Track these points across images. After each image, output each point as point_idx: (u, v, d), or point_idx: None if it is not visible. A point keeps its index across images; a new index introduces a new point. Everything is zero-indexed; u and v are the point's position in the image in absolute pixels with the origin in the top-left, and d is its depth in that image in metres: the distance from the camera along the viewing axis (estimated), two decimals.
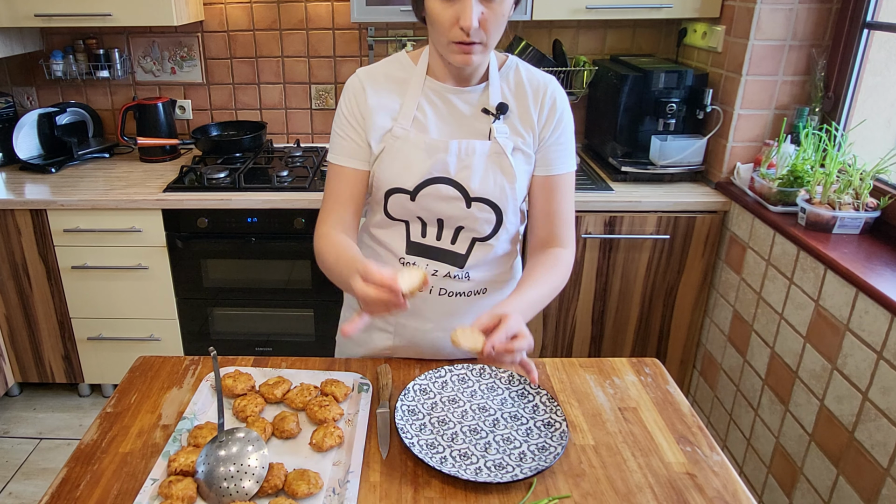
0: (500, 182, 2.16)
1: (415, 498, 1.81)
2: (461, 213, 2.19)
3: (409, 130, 2.15)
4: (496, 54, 2.23)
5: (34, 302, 4.39)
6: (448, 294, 2.31)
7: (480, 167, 2.15)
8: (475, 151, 2.14)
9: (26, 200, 4.09)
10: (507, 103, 2.18)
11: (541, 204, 2.28)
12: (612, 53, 4.82)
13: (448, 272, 2.28)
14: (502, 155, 2.15)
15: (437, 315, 2.35)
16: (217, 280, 4.30)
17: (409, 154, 2.15)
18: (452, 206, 2.18)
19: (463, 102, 2.18)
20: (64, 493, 1.81)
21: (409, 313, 2.32)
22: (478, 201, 2.17)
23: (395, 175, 2.16)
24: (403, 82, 2.19)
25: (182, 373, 2.34)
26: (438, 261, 2.27)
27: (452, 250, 2.26)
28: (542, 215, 2.28)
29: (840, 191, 3.33)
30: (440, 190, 2.16)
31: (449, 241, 2.25)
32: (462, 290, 2.32)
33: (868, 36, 3.56)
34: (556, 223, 2.28)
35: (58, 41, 4.95)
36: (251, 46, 4.93)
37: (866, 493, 2.84)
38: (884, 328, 2.76)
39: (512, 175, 2.16)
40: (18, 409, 4.72)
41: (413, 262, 2.27)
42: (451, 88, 2.17)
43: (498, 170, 2.16)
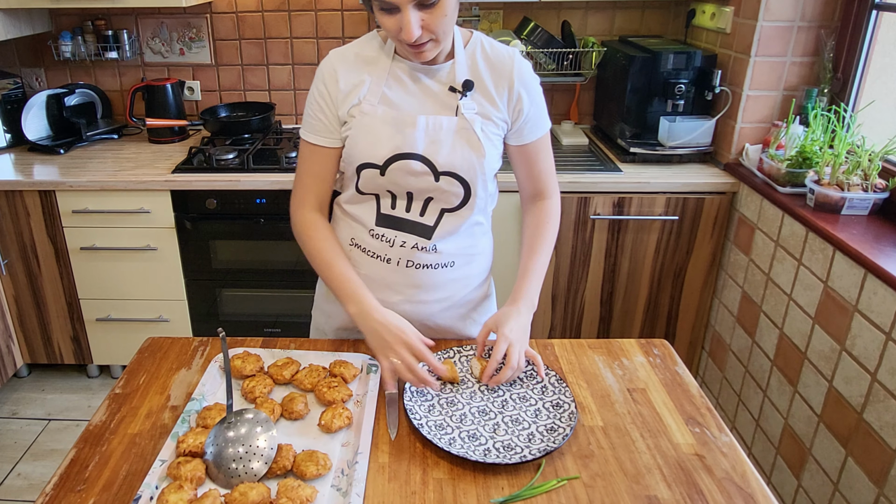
0: (468, 156, 2.20)
1: (423, 479, 1.82)
2: (430, 186, 2.23)
3: (377, 107, 2.19)
4: (461, 31, 2.25)
5: (43, 283, 4.41)
6: (415, 266, 2.33)
7: (448, 142, 2.19)
8: (442, 127, 2.18)
9: (35, 181, 4.11)
10: (473, 80, 2.21)
11: (524, 168, 2.47)
12: (621, 34, 4.81)
13: (416, 244, 2.30)
14: (470, 130, 2.19)
15: (404, 287, 2.37)
16: (225, 261, 4.31)
17: (378, 129, 2.18)
18: (421, 181, 2.21)
19: (430, 79, 2.22)
20: (73, 473, 1.83)
21: (377, 285, 2.34)
22: (446, 175, 2.21)
23: (364, 150, 2.20)
24: (374, 61, 2.23)
25: (191, 354, 2.36)
26: (407, 232, 2.30)
27: (421, 222, 2.29)
28: (527, 176, 2.49)
29: (849, 172, 3.33)
30: (409, 165, 2.19)
31: (418, 213, 2.28)
32: (429, 263, 2.34)
33: (877, 17, 3.55)
34: (540, 179, 2.49)
35: (66, 22, 4.95)
36: (260, 28, 4.93)
37: (875, 474, 2.84)
38: (892, 309, 2.76)
39: (480, 150, 2.20)
40: (27, 390, 4.74)
41: (382, 234, 2.31)
42: (418, 66, 2.21)
43: (466, 144, 2.19)
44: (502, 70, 2.24)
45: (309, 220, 2.33)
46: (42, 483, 3.94)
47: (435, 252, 2.32)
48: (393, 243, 2.30)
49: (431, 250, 2.31)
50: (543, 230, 2.41)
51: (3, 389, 4.70)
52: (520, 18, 4.71)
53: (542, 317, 4.34)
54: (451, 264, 2.37)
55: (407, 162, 2.18)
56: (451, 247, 2.35)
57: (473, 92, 2.21)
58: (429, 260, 2.33)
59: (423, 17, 1.93)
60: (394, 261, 2.32)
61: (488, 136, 2.22)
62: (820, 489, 3.20)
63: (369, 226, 2.32)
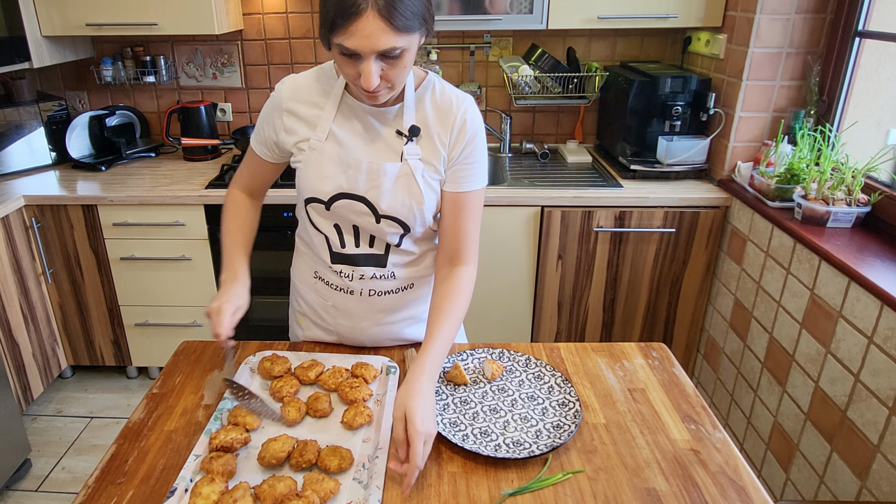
0: (408, 203, 2.12)
1: (439, 472, 1.83)
2: (371, 226, 2.17)
3: (325, 143, 2.11)
4: (415, 72, 2.15)
5: (86, 291, 4.44)
6: (377, 294, 2.30)
7: (389, 187, 2.10)
8: (386, 173, 2.09)
9: (78, 196, 4.13)
10: (420, 126, 2.11)
11: (449, 219, 2.20)
12: (622, 60, 4.82)
13: (374, 273, 2.27)
14: (411, 177, 2.10)
15: (370, 313, 2.34)
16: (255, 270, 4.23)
17: (325, 166, 2.12)
18: (363, 220, 2.15)
19: (378, 122, 2.12)
20: (113, 467, 1.85)
21: (343, 315, 2.36)
22: (386, 218, 2.14)
23: (311, 184, 2.15)
24: (325, 94, 2.14)
25: (222, 356, 2.36)
26: (362, 265, 2.25)
27: (372, 252, 2.24)
28: (450, 231, 2.20)
29: (833, 187, 3.34)
30: (352, 205, 2.13)
31: (367, 245, 2.23)
32: (389, 289, 2.31)
33: (860, 44, 3.55)
34: (461, 240, 2.20)
35: (107, 49, 4.98)
36: (287, 53, 4.94)
37: (858, 468, 2.84)
38: (874, 315, 2.77)
39: (420, 197, 2.12)
40: (71, 390, 4.75)
41: (340, 270, 2.26)
42: (367, 108, 2.10)
43: (406, 191, 2.11)
44: (447, 115, 2.12)
45: (232, 195, 2.38)
46: (85, 476, 3.96)
47: (393, 278, 2.30)
48: (352, 277, 2.27)
49: (390, 277, 2.29)
50: (456, 301, 2.11)
51: (48, 389, 4.71)
52: (528, 45, 4.72)
53: (549, 322, 4.34)
54: (410, 286, 2.36)
55: (350, 202, 2.13)
56: (407, 271, 2.32)
57: (419, 137, 2.12)
58: (388, 286, 2.31)
59: (384, 67, 1.83)
60: (356, 292, 2.29)
61: (428, 182, 2.14)
62: (807, 482, 3.20)
63: (327, 262, 2.28)
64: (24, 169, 4.59)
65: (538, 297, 4.28)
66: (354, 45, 1.73)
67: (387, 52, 1.77)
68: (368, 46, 1.73)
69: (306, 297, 2.44)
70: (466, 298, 2.15)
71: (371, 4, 1.67)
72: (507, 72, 4.52)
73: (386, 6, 1.68)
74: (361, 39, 1.72)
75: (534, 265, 4.19)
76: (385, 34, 1.72)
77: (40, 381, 4.34)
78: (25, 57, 4.24)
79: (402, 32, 1.74)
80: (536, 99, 4.62)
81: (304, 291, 2.45)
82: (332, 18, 1.72)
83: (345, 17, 1.69)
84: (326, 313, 2.39)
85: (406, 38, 1.77)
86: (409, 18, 1.73)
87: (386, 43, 1.73)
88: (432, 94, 2.13)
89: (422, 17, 1.78)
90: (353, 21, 1.69)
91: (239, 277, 2.12)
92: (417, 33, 1.81)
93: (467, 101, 2.15)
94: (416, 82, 2.13)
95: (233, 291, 2.09)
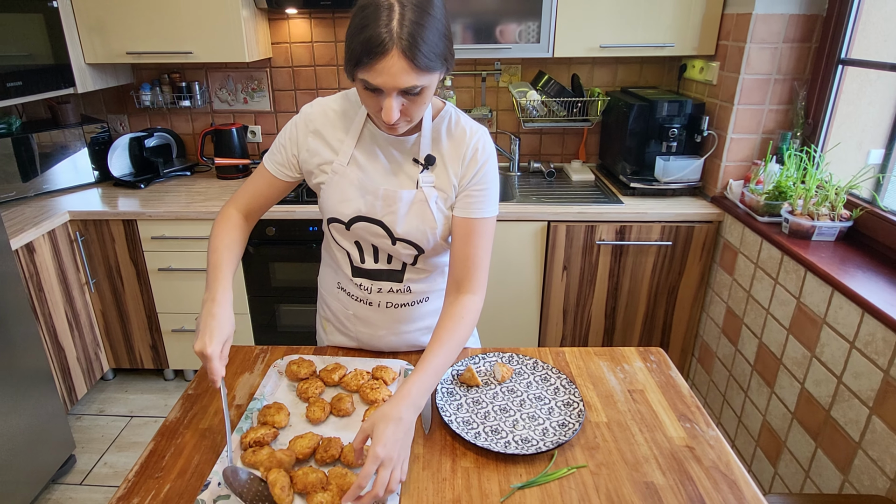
0: (422, 228, 2.11)
1: (453, 467, 1.85)
2: (388, 247, 2.16)
3: (347, 168, 2.10)
4: (434, 102, 2.12)
5: (126, 299, 4.45)
6: (394, 306, 2.30)
7: (404, 213, 2.09)
8: (401, 199, 2.07)
9: (119, 212, 4.14)
10: (436, 155, 2.09)
11: (459, 245, 2.13)
12: (623, 86, 4.81)
13: (391, 288, 2.26)
14: (425, 203, 2.08)
15: (388, 323, 2.34)
16: (283, 280, 4.32)
17: (346, 189, 2.10)
18: (380, 241, 2.15)
19: (396, 150, 2.10)
20: (151, 463, 1.87)
21: (363, 323, 2.35)
22: (401, 241, 2.13)
23: (333, 205, 2.13)
24: (350, 120, 2.11)
25: (253, 360, 2.38)
26: (381, 280, 2.25)
27: (390, 268, 2.23)
28: (460, 257, 2.12)
29: (818, 204, 3.33)
30: (369, 227, 2.12)
31: (385, 262, 2.22)
32: (405, 301, 2.31)
33: (842, 70, 3.55)
34: (470, 268, 2.12)
35: (146, 75, 5.01)
36: (312, 80, 4.96)
37: (841, 463, 2.85)
38: (855, 322, 2.78)
39: (432, 222, 2.10)
40: (112, 391, 4.77)
41: (360, 283, 2.26)
42: (387, 136, 2.08)
43: (420, 217, 2.10)
44: (461, 145, 2.08)
45: (228, 213, 2.21)
46: (125, 471, 3.97)
47: (409, 292, 2.29)
48: (371, 290, 2.27)
49: (406, 291, 2.29)
50: (456, 328, 2.02)
51: (91, 391, 4.72)
52: (535, 72, 4.73)
53: (554, 328, 4.34)
54: (426, 299, 2.35)
55: (368, 224, 2.12)
56: (422, 286, 2.31)
57: (434, 165, 2.10)
58: (405, 299, 2.30)
59: (404, 103, 1.80)
60: (374, 304, 2.29)
61: (441, 208, 2.12)
62: (793, 476, 3.20)
63: (349, 275, 2.28)
64: (69, 186, 4.60)
65: (545, 305, 4.28)
66: (378, 82, 1.72)
67: (408, 90, 1.75)
68: (391, 84, 1.72)
69: (330, 305, 2.44)
70: (468, 326, 2.06)
71: (396, 45, 1.65)
72: (516, 97, 4.53)
73: (410, 47, 1.66)
74: (385, 77, 1.71)
75: (541, 275, 4.19)
76: (408, 74, 1.70)
77: (84, 383, 4.35)
78: (70, 83, 4.26)
79: (424, 72, 1.73)
80: (543, 122, 4.62)
81: (329, 300, 2.45)
82: (359, 56, 1.70)
83: (371, 55, 1.68)
84: (348, 321, 2.39)
85: (427, 77, 1.76)
86: (432, 59, 1.72)
87: (408, 81, 1.72)
88: (448, 125, 2.11)
89: (443, 57, 1.77)
90: (379, 60, 1.68)
91: (217, 298, 1.95)
92: (438, 72, 1.79)
93: (480, 131, 2.13)
94: (434, 112, 2.10)
95: (214, 324, 1.89)
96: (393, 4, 1.67)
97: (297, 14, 4.77)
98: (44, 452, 3.65)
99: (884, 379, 2.63)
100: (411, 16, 1.66)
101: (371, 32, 1.66)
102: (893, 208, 3.18)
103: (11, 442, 3.37)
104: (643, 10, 4.02)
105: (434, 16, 1.71)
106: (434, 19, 1.71)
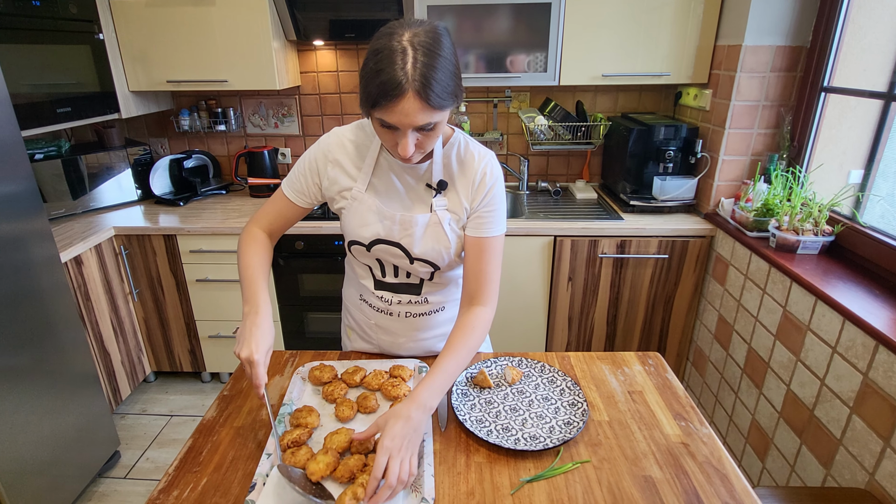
0: (437, 247, 2.12)
1: (467, 462, 1.86)
2: (406, 265, 2.18)
3: (365, 194, 2.10)
4: (444, 129, 2.09)
5: (166, 308, 4.48)
6: (413, 315, 2.32)
7: (420, 235, 2.10)
8: (417, 223, 2.08)
9: (160, 228, 4.17)
10: (447, 180, 2.09)
11: (471, 262, 2.14)
12: (623, 111, 4.80)
13: (410, 299, 2.28)
14: (439, 225, 2.09)
15: (406, 331, 2.35)
16: (310, 290, 4.35)
17: (365, 215, 2.11)
18: (399, 261, 2.17)
19: (410, 176, 2.10)
20: (190, 458, 1.89)
21: (384, 332, 2.36)
22: (418, 260, 2.15)
23: (354, 229, 2.14)
24: (365, 149, 2.11)
25: (283, 364, 2.39)
26: (401, 293, 2.27)
27: (408, 282, 2.25)
28: (472, 273, 2.13)
29: (803, 220, 3.34)
30: (388, 249, 2.14)
31: (404, 276, 2.24)
32: (423, 311, 2.32)
33: (825, 98, 3.57)
34: (481, 282, 2.12)
35: (185, 102, 5.06)
36: (338, 106, 4.97)
37: (823, 458, 2.86)
38: (837, 328, 2.80)
39: (446, 242, 2.11)
40: (154, 392, 4.78)
41: (381, 295, 2.28)
42: (401, 164, 2.08)
43: (435, 237, 2.11)
44: (469, 170, 2.08)
45: (253, 232, 2.22)
46: (166, 465, 3.99)
47: (426, 303, 2.31)
48: (391, 302, 2.28)
49: (423, 302, 2.30)
50: (470, 337, 2.04)
51: (134, 392, 4.74)
52: (543, 99, 4.74)
53: (560, 334, 4.33)
54: (442, 308, 2.36)
55: (387, 246, 2.13)
56: (438, 297, 2.32)
57: (446, 189, 2.10)
58: (422, 309, 2.32)
59: (418, 137, 1.80)
60: (395, 314, 2.31)
61: (454, 229, 2.12)
62: (780, 471, 3.20)
63: (371, 288, 2.29)
64: (114, 204, 4.63)
65: (551, 313, 4.27)
66: (394, 121, 1.73)
67: (422, 126, 1.76)
68: (407, 122, 1.73)
69: (354, 315, 2.45)
70: (479, 336, 2.07)
71: (411, 86, 1.66)
72: (525, 121, 4.53)
73: (423, 88, 1.67)
74: (401, 117, 1.71)
75: (548, 286, 4.19)
76: (422, 112, 1.71)
77: (128, 385, 4.38)
78: (115, 109, 4.30)
79: (437, 110, 1.73)
80: (550, 144, 4.63)
81: (352, 310, 2.46)
82: (375, 98, 1.70)
83: (387, 97, 1.68)
84: (370, 330, 2.40)
85: (440, 114, 1.76)
86: (444, 97, 1.72)
87: (422, 119, 1.73)
88: (458, 151, 2.11)
89: (454, 94, 1.76)
90: (395, 101, 1.68)
91: (260, 311, 1.96)
92: (449, 108, 1.79)
93: (488, 156, 2.13)
94: (444, 139, 2.11)
95: (259, 334, 1.91)
96: (406, 48, 1.67)
97: (324, 45, 4.81)
98: (91, 448, 3.67)
99: (863, 381, 2.64)
100: (423, 58, 1.66)
101: (386, 76, 1.66)
102: (872, 224, 3.19)
103: (62, 439, 3.39)
104: (642, 42, 4.04)
105: (444, 56, 1.71)
106: (444, 59, 1.71)
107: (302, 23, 4.31)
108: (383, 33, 1.72)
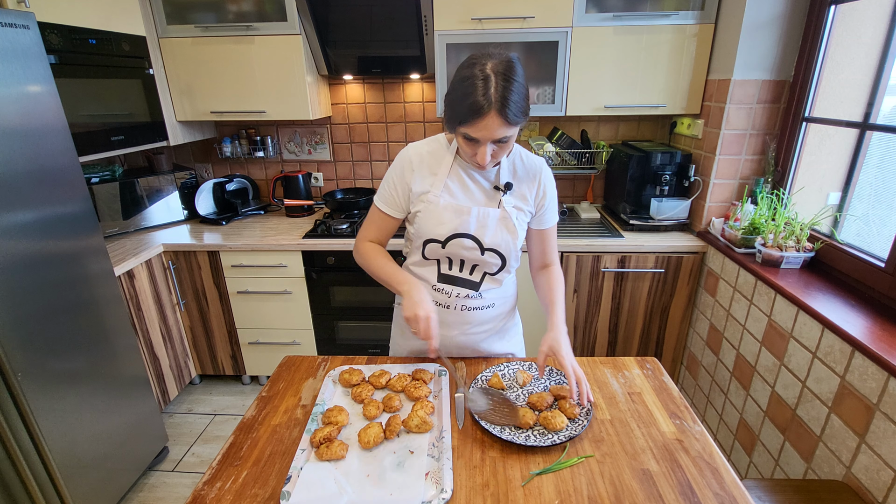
0: (507, 238, 2.24)
1: (482, 457, 1.88)
2: (477, 257, 2.26)
3: (441, 196, 2.22)
4: None
5: (210, 317, 4.50)
6: (467, 309, 2.37)
7: (492, 227, 2.23)
8: (490, 216, 2.21)
9: (204, 245, 4.19)
10: (512, 181, 2.25)
11: (538, 246, 2.42)
12: (623, 139, 4.79)
13: (467, 294, 2.34)
14: (508, 219, 2.23)
15: (460, 324, 2.40)
16: (341, 301, 4.37)
17: (442, 214, 2.21)
18: (471, 253, 2.25)
19: (481, 178, 2.24)
20: (231, 453, 1.92)
21: (440, 325, 2.40)
22: (489, 250, 2.25)
23: (430, 229, 2.23)
24: (440, 158, 2.25)
25: (315, 368, 2.41)
26: (460, 286, 2.33)
27: (470, 279, 2.32)
28: (539, 252, 2.44)
29: (786, 238, 3.36)
30: (463, 242, 2.23)
31: (468, 272, 2.32)
32: (476, 306, 2.37)
33: (806, 127, 3.58)
34: (548, 254, 2.43)
35: (227, 130, 5.08)
36: (365, 134, 4.98)
37: (805, 453, 2.88)
38: (817, 336, 2.82)
39: (515, 233, 2.25)
40: (199, 393, 4.79)
41: (442, 288, 2.34)
42: (473, 170, 2.23)
43: (505, 229, 2.24)
44: (533, 175, 2.28)
45: (367, 245, 2.35)
46: (209, 460, 4.01)
47: (480, 298, 2.36)
48: (451, 295, 2.34)
49: (478, 297, 2.35)
50: (558, 284, 2.35)
51: (181, 393, 4.75)
52: (551, 128, 4.74)
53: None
54: (492, 305, 2.41)
55: (461, 239, 2.22)
56: (492, 294, 2.38)
57: (512, 190, 2.26)
58: (476, 304, 2.37)
59: (494, 148, 1.99)
60: (451, 307, 2.36)
61: (520, 223, 2.27)
62: (765, 465, 3.20)
63: (432, 282, 2.34)
64: (163, 223, 4.64)
65: None
66: (477, 135, 1.93)
67: (499, 140, 1.96)
68: (488, 136, 1.93)
69: None
70: (562, 282, 2.39)
71: (493, 106, 1.86)
72: (534, 148, 4.52)
73: (503, 108, 1.86)
74: (483, 132, 1.92)
75: None
76: (501, 128, 1.91)
77: (175, 387, 4.40)
78: (164, 137, 4.32)
79: (513, 125, 1.92)
80: (557, 169, 4.61)
81: None
82: (463, 116, 1.91)
83: (473, 116, 1.89)
84: None
85: (514, 129, 1.96)
86: (518, 115, 1.91)
87: (501, 134, 1.92)
88: (519, 158, 2.29)
89: (525, 112, 1.94)
90: (480, 120, 1.89)
91: (417, 284, 2.16)
92: (521, 124, 1.96)
93: (543, 162, 2.33)
94: None
95: (426, 298, 2.12)
96: (489, 76, 1.87)
97: (353, 80, 4.82)
98: (142, 444, 3.69)
99: (840, 383, 2.65)
100: (503, 83, 1.86)
101: (473, 99, 1.87)
102: (849, 242, 3.20)
103: (115, 436, 3.40)
104: (640, 78, 4.05)
105: (518, 81, 1.90)
106: (518, 84, 1.90)
107: (333, 59, 4.35)
108: (468, 64, 1.93)
